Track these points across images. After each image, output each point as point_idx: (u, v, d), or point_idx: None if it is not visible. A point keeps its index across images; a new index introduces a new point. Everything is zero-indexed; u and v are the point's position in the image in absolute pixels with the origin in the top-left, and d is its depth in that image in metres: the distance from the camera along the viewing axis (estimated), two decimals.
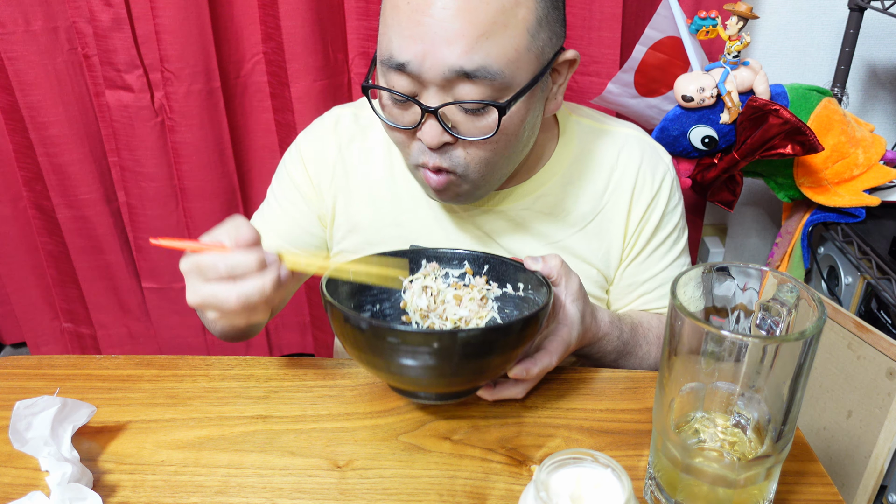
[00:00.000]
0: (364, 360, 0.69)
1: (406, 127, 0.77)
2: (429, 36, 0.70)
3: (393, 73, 0.74)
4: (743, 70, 1.29)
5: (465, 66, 0.70)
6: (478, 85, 0.71)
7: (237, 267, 0.67)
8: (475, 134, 0.75)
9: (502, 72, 0.71)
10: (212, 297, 0.68)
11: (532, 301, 0.76)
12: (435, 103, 0.73)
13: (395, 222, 0.92)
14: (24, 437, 0.69)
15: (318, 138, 0.94)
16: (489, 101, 0.73)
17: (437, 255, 0.81)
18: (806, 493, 0.66)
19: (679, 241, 0.95)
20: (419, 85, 0.73)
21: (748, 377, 0.58)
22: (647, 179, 0.91)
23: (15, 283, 1.75)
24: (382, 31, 0.75)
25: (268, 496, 0.67)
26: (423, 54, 0.70)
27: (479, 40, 0.69)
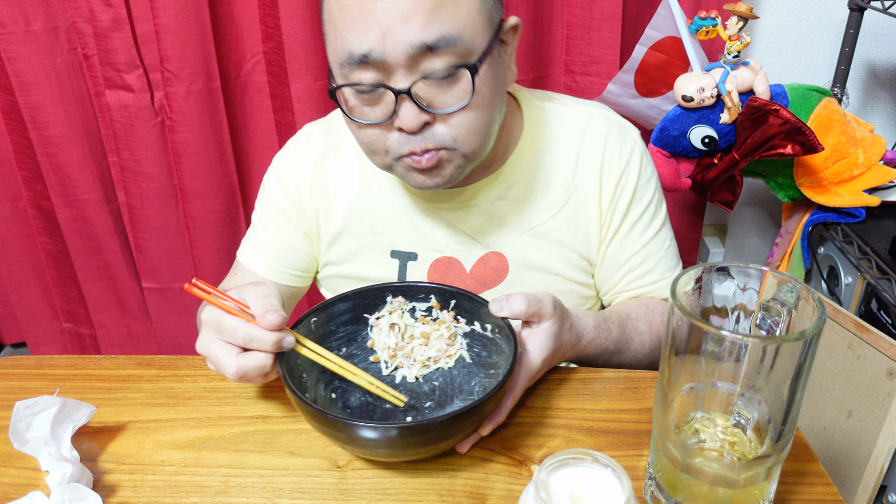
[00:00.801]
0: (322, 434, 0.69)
1: (380, 121, 0.76)
2: (384, 20, 0.70)
3: (356, 71, 0.74)
4: (743, 70, 1.29)
5: (425, 39, 0.71)
6: (442, 55, 0.72)
7: (252, 342, 0.69)
8: (452, 104, 0.75)
9: (461, 37, 0.72)
10: (215, 357, 0.70)
11: (499, 347, 0.75)
12: (405, 84, 0.73)
13: (374, 230, 0.93)
14: (24, 438, 0.69)
15: (293, 158, 0.95)
16: (459, 64, 0.73)
17: (403, 289, 0.80)
18: (806, 493, 0.66)
19: (657, 214, 0.94)
20: (385, 72, 0.73)
21: (748, 377, 0.58)
22: (613, 156, 0.90)
23: (15, 284, 1.75)
24: (333, 36, 0.75)
25: (268, 496, 0.67)
26: (383, 38, 0.71)
27: (434, 12, 0.71)
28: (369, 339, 0.80)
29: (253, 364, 0.69)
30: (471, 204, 0.90)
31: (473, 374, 0.78)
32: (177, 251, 1.64)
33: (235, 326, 0.69)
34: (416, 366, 0.78)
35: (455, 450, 0.71)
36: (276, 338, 0.68)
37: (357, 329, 0.80)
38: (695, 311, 0.61)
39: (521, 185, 0.90)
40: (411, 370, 0.79)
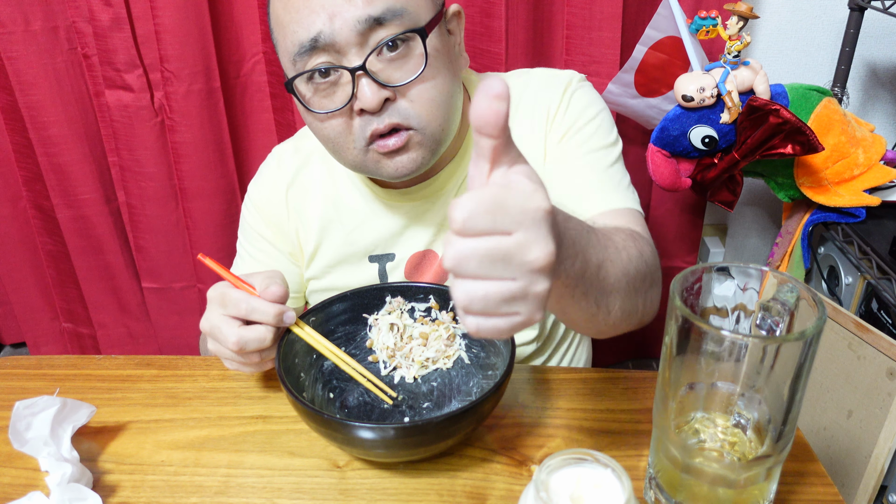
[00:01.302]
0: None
1: (341, 107, 0.76)
2: (328, 2, 0.72)
3: (308, 60, 0.75)
4: (743, 70, 1.29)
5: (371, 12, 0.72)
6: (389, 27, 0.73)
7: (254, 312, 0.71)
8: (408, 76, 0.76)
9: (406, 9, 0.74)
10: (217, 329, 0.72)
11: (497, 348, 0.75)
12: (359, 61, 0.74)
13: (348, 240, 0.93)
14: (23, 438, 0.69)
15: (266, 182, 0.97)
16: (409, 30, 0.75)
17: (402, 289, 0.80)
18: (806, 493, 0.66)
19: (601, 134, 0.88)
20: (336, 54, 0.74)
21: (748, 377, 0.58)
22: (543, 103, 0.89)
23: (14, 283, 1.75)
24: (282, 36, 0.77)
25: (267, 496, 0.67)
26: (330, 19, 0.72)
27: None
28: (368, 340, 0.80)
29: (253, 336, 0.71)
30: (440, 193, 0.90)
31: (472, 374, 0.78)
32: (176, 251, 1.64)
33: (239, 298, 0.71)
34: (414, 366, 0.78)
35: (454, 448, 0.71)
36: (277, 310, 0.71)
37: (356, 329, 0.80)
38: (695, 311, 0.61)
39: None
40: (410, 370, 0.79)
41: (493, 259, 0.44)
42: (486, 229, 0.44)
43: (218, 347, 0.74)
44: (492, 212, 0.43)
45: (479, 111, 0.43)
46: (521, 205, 0.44)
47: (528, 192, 0.45)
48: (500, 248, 0.44)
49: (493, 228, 0.44)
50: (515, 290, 0.45)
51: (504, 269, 0.44)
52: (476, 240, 0.44)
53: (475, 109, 0.43)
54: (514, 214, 0.44)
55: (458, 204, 0.43)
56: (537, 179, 0.47)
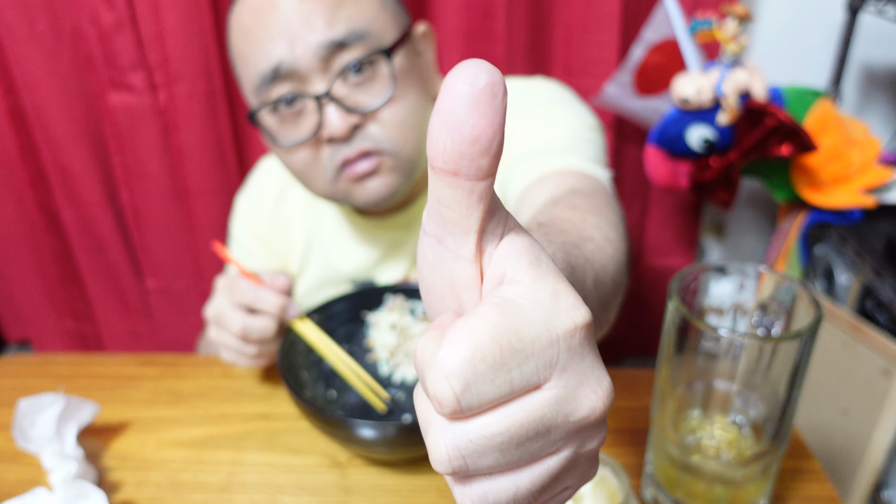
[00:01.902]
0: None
1: (308, 137, 0.74)
2: (287, 28, 0.70)
3: (271, 89, 0.72)
4: (740, 71, 1.30)
5: (333, 37, 0.70)
6: (353, 50, 0.71)
7: (259, 301, 0.72)
8: (376, 101, 0.73)
9: (369, 31, 0.72)
10: (223, 314, 0.73)
11: None
12: (323, 88, 0.72)
13: (327, 263, 0.93)
14: (28, 435, 0.69)
15: (254, 196, 0.96)
16: (374, 51, 0.72)
17: (402, 288, 0.80)
18: (803, 490, 0.67)
19: (545, 114, 0.82)
20: (300, 81, 0.72)
21: (745, 376, 0.58)
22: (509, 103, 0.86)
23: (19, 282, 1.75)
24: (244, 67, 0.75)
25: (269, 493, 0.68)
26: (290, 46, 0.70)
27: (335, 10, 0.70)
28: (368, 339, 0.81)
29: (258, 324, 0.72)
30: (416, 221, 0.88)
31: None
32: (179, 250, 1.65)
33: (246, 287, 0.72)
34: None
35: None
36: (282, 301, 0.72)
37: (356, 328, 0.81)
38: (692, 311, 0.61)
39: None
40: (410, 369, 0.79)
41: (522, 438, 0.26)
42: (501, 395, 0.25)
43: (220, 334, 0.74)
44: (504, 363, 0.25)
45: (450, 124, 0.24)
46: (546, 332, 0.26)
47: (549, 298, 0.26)
48: (533, 416, 0.26)
49: (511, 390, 0.25)
50: (563, 464, 0.27)
51: (542, 444, 0.26)
52: (487, 417, 0.25)
53: (440, 123, 0.25)
54: (541, 351, 0.25)
55: (440, 364, 0.25)
56: (548, 263, 0.28)
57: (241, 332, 0.72)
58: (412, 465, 0.70)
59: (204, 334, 0.97)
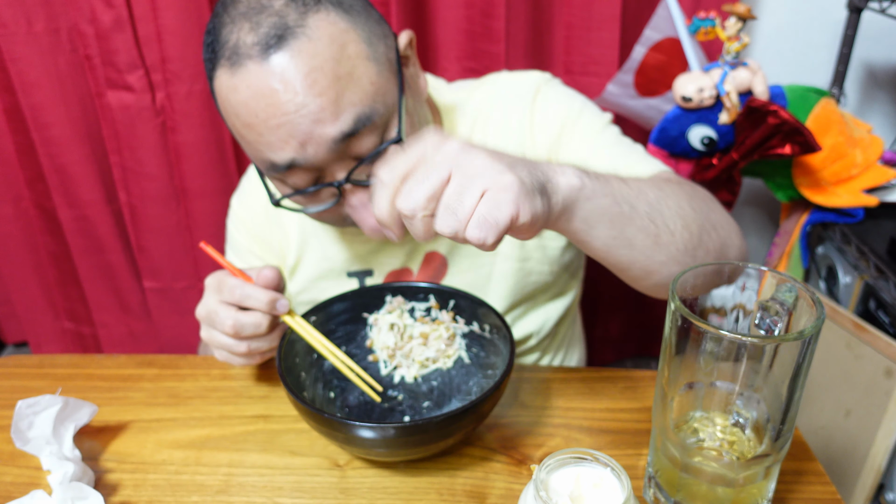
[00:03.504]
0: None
1: (329, 205, 0.76)
2: (297, 131, 0.68)
3: (284, 175, 0.73)
4: (742, 70, 1.30)
5: (344, 129, 0.69)
6: (365, 134, 0.71)
7: (248, 298, 0.72)
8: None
9: (374, 108, 0.70)
10: (214, 313, 0.73)
11: (497, 347, 0.76)
12: (343, 174, 0.72)
13: (325, 256, 0.93)
14: (26, 436, 0.69)
15: (248, 196, 0.97)
16: (387, 144, 0.72)
17: (402, 289, 0.80)
18: (804, 491, 0.67)
19: (594, 118, 0.88)
20: (317, 171, 0.72)
21: (747, 377, 0.58)
22: (513, 112, 0.88)
23: (17, 283, 1.75)
24: (247, 146, 0.73)
25: (268, 495, 0.67)
26: (303, 147, 0.69)
27: (338, 101, 0.68)
28: (368, 339, 0.80)
29: (250, 321, 0.72)
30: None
31: (472, 374, 0.78)
32: (178, 251, 1.64)
33: (234, 284, 0.72)
34: (414, 366, 0.79)
35: (454, 448, 0.71)
36: (270, 297, 0.72)
37: (356, 329, 0.81)
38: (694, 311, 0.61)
39: None
40: (410, 370, 0.79)
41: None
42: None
43: (211, 334, 0.74)
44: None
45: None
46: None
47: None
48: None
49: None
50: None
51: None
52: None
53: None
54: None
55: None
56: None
57: (232, 329, 0.72)
58: (411, 466, 0.70)
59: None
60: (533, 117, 0.88)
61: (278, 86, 0.67)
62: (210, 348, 0.80)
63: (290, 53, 0.67)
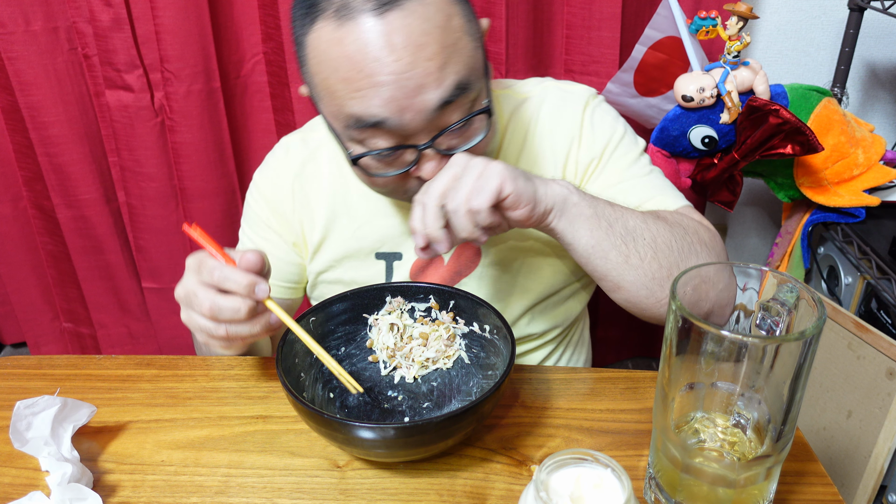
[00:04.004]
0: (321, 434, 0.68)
1: (400, 171, 0.75)
2: (399, 94, 0.68)
3: (366, 132, 0.71)
4: (743, 70, 1.29)
5: (443, 96, 0.69)
6: (457, 105, 0.71)
7: (226, 281, 0.70)
8: (470, 141, 0.75)
9: (470, 80, 0.71)
10: (193, 294, 0.71)
11: (497, 348, 0.75)
12: (426, 139, 0.72)
13: (355, 235, 0.92)
14: (24, 437, 0.69)
15: (273, 171, 0.95)
16: (477, 111, 0.73)
17: (402, 289, 0.80)
18: (806, 492, 0.66)
19: (632, 147, 0.91)
20: (402, 137, 0.71)
21: (748, 377, 0.58)
22: (565, 119, 0.89)
23: (15, 283, 1.75)
24: (331, 102, 0.72)
25: (268, 496, 0.67)
26: (400, 111, 0.69)
27: (444, 69, 0.69)
28: (368, 339, 0.80)
29: (228, 304, 0.70)
30: None
31: (471, 374, 0.78)
32: (177, 251, 1.64)
33: (214, 265, 0.70)
34: (414, 366, 0.78)
35: (454, 448, 0.71)
36: (249, 280, 0.70)
37: (356, 329, 0.80)
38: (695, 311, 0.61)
39: None
40: (410, 370, 0.79)
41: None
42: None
43: (190, 315, 0.73)
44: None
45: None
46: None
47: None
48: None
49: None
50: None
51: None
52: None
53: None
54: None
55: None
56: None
57: (210, 312, 0.70)
58: (411, 467, 0.69)
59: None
60: (581, 132, 0.89)
61: (389, 44, 0.66)
62: (198, 338, 0.78)
63: (405, 14, 0.66)
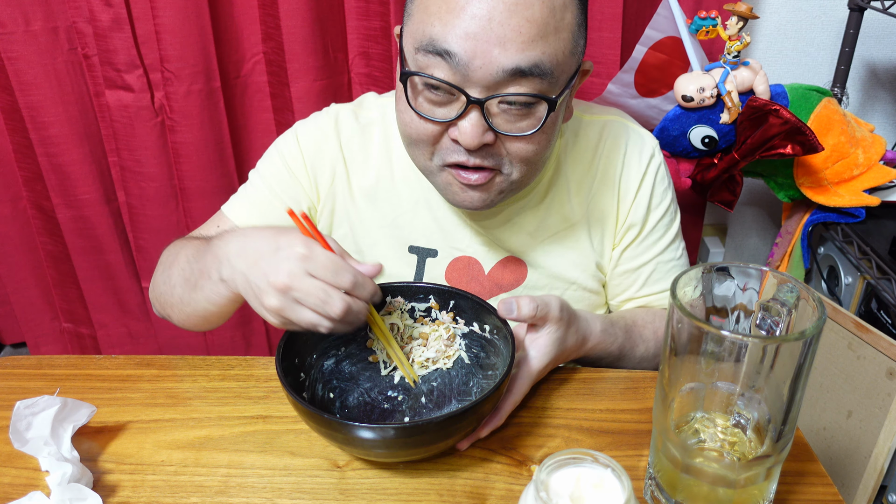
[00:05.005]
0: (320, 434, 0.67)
1: (441, 121, 0.72)
2: (483, 34, 0.66)
3: (431, 60, 0.69)
4: (743, 70, 1.29)
5: (520, 64, 0.68)
6: (527, 83, 0.70)
7: (359, 288, 0.66)
8: (519, 131, 0.73)
9: (552, 71, 0.70)
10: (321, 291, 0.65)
11: (497, 348, 0.75)
12: (481, 95, 0.69)
13: (395, 223, 0.91)
14: (24, 437, 0.69)
15: (319, 131, 0.91)
16: (541, 95, 0.71)
17: (402, 289, 0.79)
18: (806, 493, 0.66)
19: (672, 225, 0.94)
20: (461, 78, 0.69)
21: (748, 377, 0.58)
22: (632, 165, 0.90)
23: (15, 284, 1.75)
24: (420, 18, 0.70)
25: (268, 496, 0.67)
26: (474, 52, 0.67)
27: (535, 39, 0.67)
28: (368, 339, 0.80)
29: (358, 309, 0.66)
30: (494, 209, 0.88)
31: (471, 374, 0.78)
32: None
33: (342, 267, 0.65)
34: (414, 366, 0.78)
35: (454, 449, 0.71)
36: (375, 289, 0.68)
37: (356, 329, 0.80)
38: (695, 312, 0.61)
39: (544, 194, 0.90)
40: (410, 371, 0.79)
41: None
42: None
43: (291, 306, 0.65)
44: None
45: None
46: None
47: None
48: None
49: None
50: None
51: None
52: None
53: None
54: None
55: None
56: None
57: (341, 313, 0.65)
58: (411, 467, 0.69)
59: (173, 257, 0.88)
60: (638, 181, 0.90)
61: None
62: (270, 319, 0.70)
63: None
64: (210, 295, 0.76)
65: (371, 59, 1.50)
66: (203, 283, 0.76)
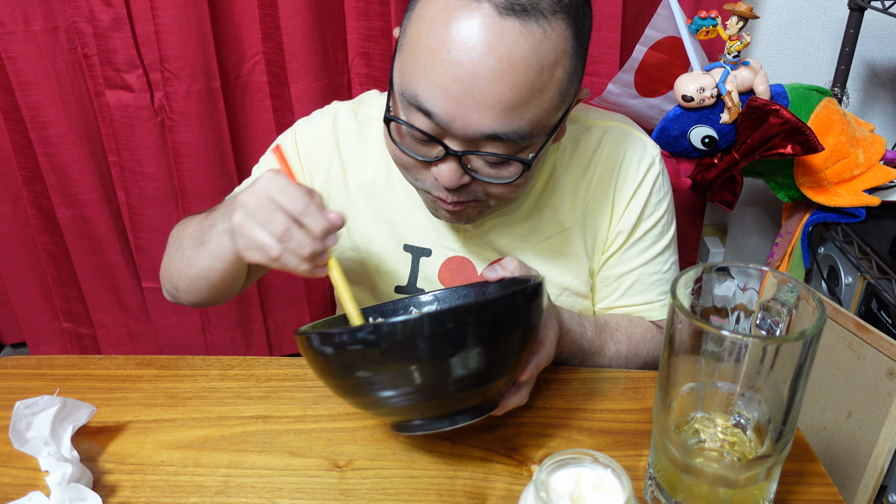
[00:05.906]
0: (346, 390, 0.63)
1: (420, 159, 0.73)
2: (464, 98, 0.66)
3: (414, 111, 0.70)
4: (743, 70, 1.29)
5: (497, 130, 0.68)
6: (504, 145, 0.70)
7: (308, 216, 0.66)
8: (498, 179, 0.73)
9: (531, 134, 0.70)
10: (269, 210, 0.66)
11: None
12: (458, 148, 0.70)
13: (390, 221, 0.91)
14: (24, 437, 0.69)
15: (316, 129, 0.93)
16: (517, 158, 0.71)
17: (416, 304, 0.79)
18: (806, 493, 0.66)
19: (663, 236, 0.92)
20: (443, 132, 0.70)
21: (748, 377, 0.58)
22: (629, 171, 0.89)
23: (15, 283, 1.75)
24: (408, 68, 0.69)
25: (268, 496, 0.67)
26: (454, 114, 0.67)
27: (515, 108, 0.66)
28: None
29: (300, 236, 0.66)
30: (492, 223, 0.89)
31: None
32: None
33: (299, 195, 0.66)
34: None
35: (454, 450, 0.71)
36: (328, 226, 0.66)
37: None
38: (695, 312, 0.61)
39: (537, 199, 0.90)
40: None
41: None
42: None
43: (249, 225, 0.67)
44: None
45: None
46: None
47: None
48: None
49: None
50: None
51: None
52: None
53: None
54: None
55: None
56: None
57: (280, 234, 0.65)
58: (411, 467, 0.69)
59: (184, 226, 0.90)
60: (634, 188, 0.89)
61: (489, 46, 0.64)
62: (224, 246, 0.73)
63: (522, 30, 0.64)
64: (214, 248, 0.76)
65: (371, 60, 1.50)
66: (209, 237, 0.77)
